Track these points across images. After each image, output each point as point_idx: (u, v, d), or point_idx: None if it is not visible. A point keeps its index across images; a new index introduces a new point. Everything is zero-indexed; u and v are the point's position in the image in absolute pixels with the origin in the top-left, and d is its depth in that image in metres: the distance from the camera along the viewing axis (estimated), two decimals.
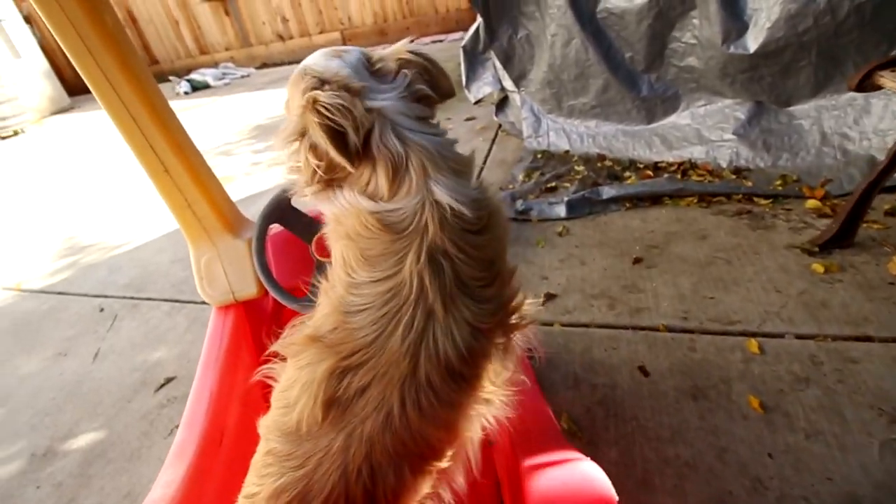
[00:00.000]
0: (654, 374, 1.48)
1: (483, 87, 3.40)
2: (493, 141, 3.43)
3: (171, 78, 8.39)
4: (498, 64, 3.29)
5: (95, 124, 6.99)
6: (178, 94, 7.85)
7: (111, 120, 1.11)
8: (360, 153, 0.70)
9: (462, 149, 0.80)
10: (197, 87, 8.00)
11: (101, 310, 2.42)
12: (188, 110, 6.86)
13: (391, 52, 0.80)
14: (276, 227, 1.27)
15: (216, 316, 1.32)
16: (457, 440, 0.75)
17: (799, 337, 1.51)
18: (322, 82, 0.73)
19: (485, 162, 3.13)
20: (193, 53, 9.68)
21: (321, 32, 8.68)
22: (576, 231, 2.26)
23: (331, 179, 0.74)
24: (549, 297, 1.87)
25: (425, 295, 0.66)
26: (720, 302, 1.69)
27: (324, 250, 1.13)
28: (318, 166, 0.72)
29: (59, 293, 2.66)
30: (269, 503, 0.69)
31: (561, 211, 2.37)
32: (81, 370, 2.05)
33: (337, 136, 0.67)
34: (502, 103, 3.50)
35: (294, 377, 0.73)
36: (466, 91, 3.53)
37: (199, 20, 9.25)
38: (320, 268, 1.15)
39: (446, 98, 0.81)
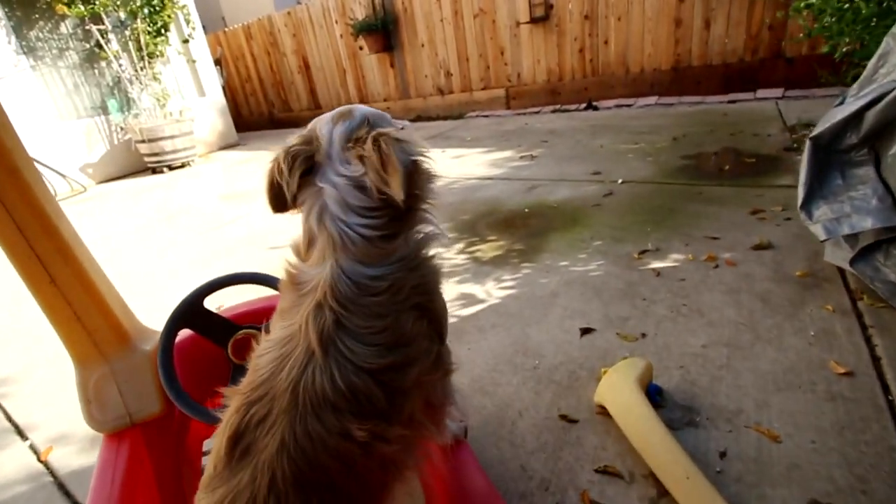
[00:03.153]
0: None
1: (851, 217, 1.68)
2: (860, 318, 1.67)
3: None
4: None
5: (252, 161, 6.57)
6: None
7: None
8: (293, 207, 0.83)
9: (778, 314, 1.16)
10: None
11: None
12: None
13: (365, 138, 0.77)
14: (183, 333, 1.12)
15: (106, 446, 1.06)
16: (374, 487, 0.71)
17: None
18: (307, 142, 0.82)
19: (880, 374, 1.38)
20: (354, 101, 9.29)
21: (484, 88, 7.61)
22: None
23: None
24: None
25: (307, 336, 0.70)
26: None
27: (241, 353, 1.05)
28: None
29: None
30: None
31: None
32: None
33: (273, 187, 0.81)
34: (873, 248, 1.74)
35: None
36: (803, 212, 1.83)
37: (364, 70, 8.82)
38: (238, 372, 1.04)
39: (390, 201, 0.76)
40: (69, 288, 1.00)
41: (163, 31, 7.23)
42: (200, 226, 4.14)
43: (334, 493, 0.66)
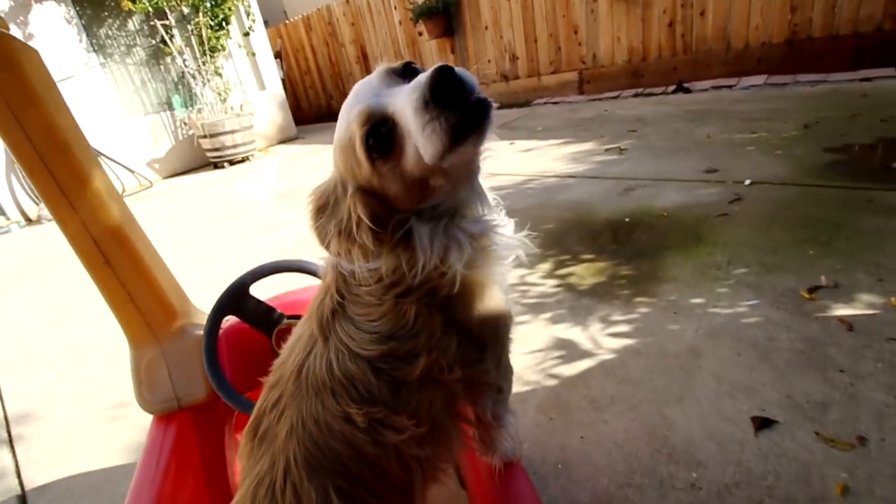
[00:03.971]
0: None
1: None
2: None
3: None
4: None
5: (310, 156, 6.32)
6: None
7: (44, 202, 0.94)
8: None
9: None
10: None
11: None
12: None
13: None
14: (231, 320, 1.14)
15: (155, 428, 1.08)
16: (396, 483, 0.69)
17: None
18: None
19: None
20: None
21: (553, 72, 6.88)
22: None
23: None
24: None
25: (311, 321, 0.73)
26: None
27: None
28: None
29: None
30: None
31: None
32: None
33: None
34: None
35: None
36: None
37: (423, 58, 8.34)
38: None
39: None
40: (123, 269, 1.01)
41: (224, 24, 7.11)
42: (254, 227, 3.86)
43: (349, 480, 0.65)
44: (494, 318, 0.76)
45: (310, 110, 11.00)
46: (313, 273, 1.13)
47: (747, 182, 2.64)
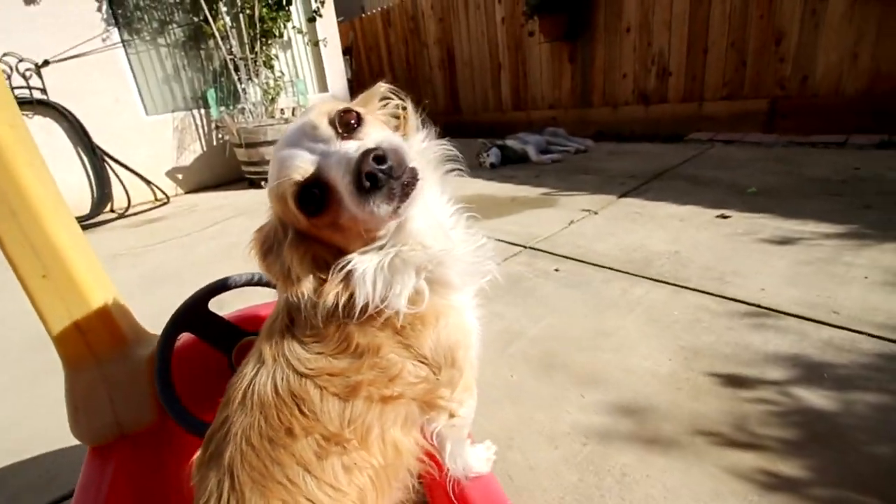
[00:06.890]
0: None
1: None
2: None
3: (480, 140, 5.47)
4: None
5: None
6: (481, 163, 4.90)
7: None
8: None
9: None
10: (510, 160, 4.93)
11: None
12: (491, 207, 3.50)
13: None
14: (185, 337, 1.05)
15: (91, 460, 0.95)
16: (338, 490, 0.67)
17: None
18: None
19: None
20: (505, 107, 6.91)
21: (727, 97, 4.70)
22: None
23: None
24: None
25: (262, 341, 0.72)
26: None
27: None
28: None
29: None
30: None
31: None
32: None
33: None
34: None
35: None
36: None
37: (527, 66, 6.37)
38: None
39: None
40: (63, 283, 0.92)
41: (284, 2, 5.47)
42: None
43: (294, 494, 0.63)
44: (451, 343, 0.72)
45: None
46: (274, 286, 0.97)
47: None
